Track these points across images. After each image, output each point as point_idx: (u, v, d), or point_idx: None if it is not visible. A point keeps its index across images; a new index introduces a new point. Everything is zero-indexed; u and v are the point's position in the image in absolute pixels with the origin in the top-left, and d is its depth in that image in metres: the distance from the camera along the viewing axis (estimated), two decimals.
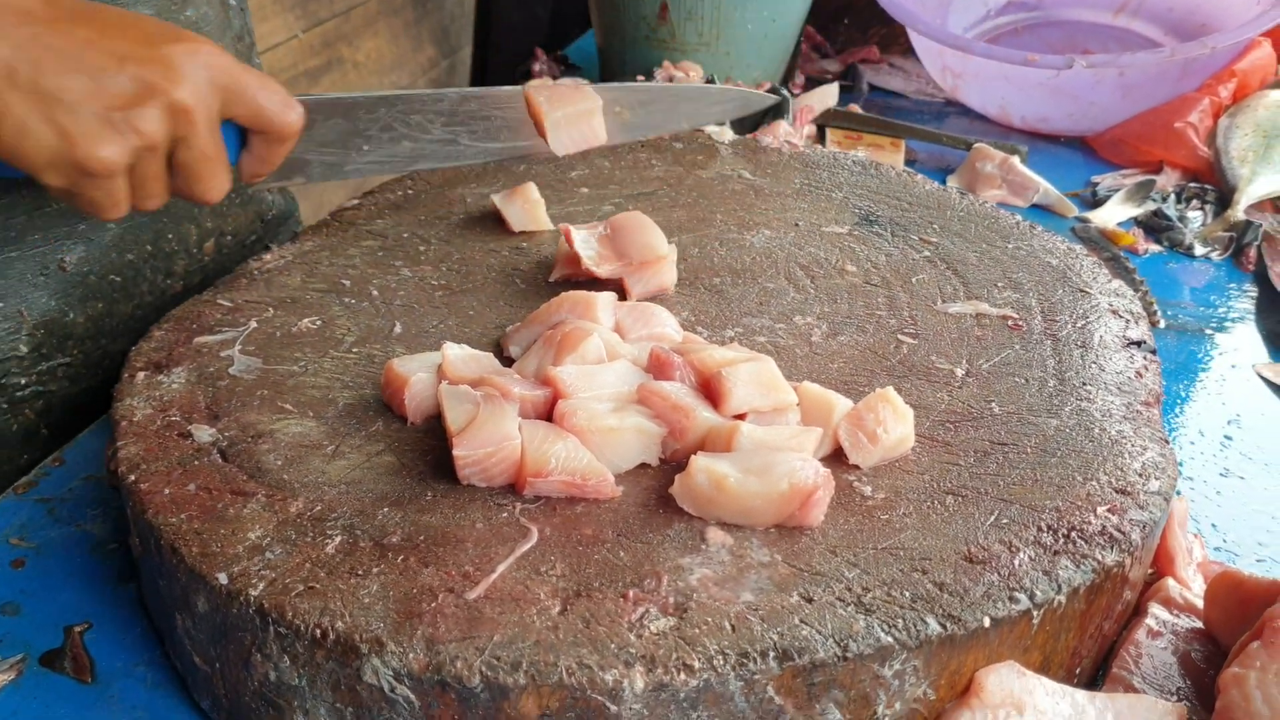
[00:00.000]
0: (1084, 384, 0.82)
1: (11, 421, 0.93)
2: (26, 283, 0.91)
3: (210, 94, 0.73)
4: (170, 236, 1.03)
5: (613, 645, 0.56)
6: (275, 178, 0.86)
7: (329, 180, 0.90)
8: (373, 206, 1.06)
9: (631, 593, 0.59)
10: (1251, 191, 1.37)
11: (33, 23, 0.67)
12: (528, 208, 1.02)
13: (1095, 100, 1.53)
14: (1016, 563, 0.63)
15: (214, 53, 0.73)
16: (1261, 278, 1.25)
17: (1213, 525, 0.87)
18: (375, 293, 0.91)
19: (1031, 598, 0.61)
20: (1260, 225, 1.32)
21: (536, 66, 1.77)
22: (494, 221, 1.04)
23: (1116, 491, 0.70)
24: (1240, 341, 1.14)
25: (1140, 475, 0.71)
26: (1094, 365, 0.84)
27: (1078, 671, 0.67)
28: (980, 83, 1.61)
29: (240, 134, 0.79)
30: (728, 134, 1.25)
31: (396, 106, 0.89)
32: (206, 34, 0.99)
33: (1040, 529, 0.66)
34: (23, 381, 0.92)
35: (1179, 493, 0.86)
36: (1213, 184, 1.43)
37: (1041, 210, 1.40)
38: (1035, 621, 0.61)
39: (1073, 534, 0.66)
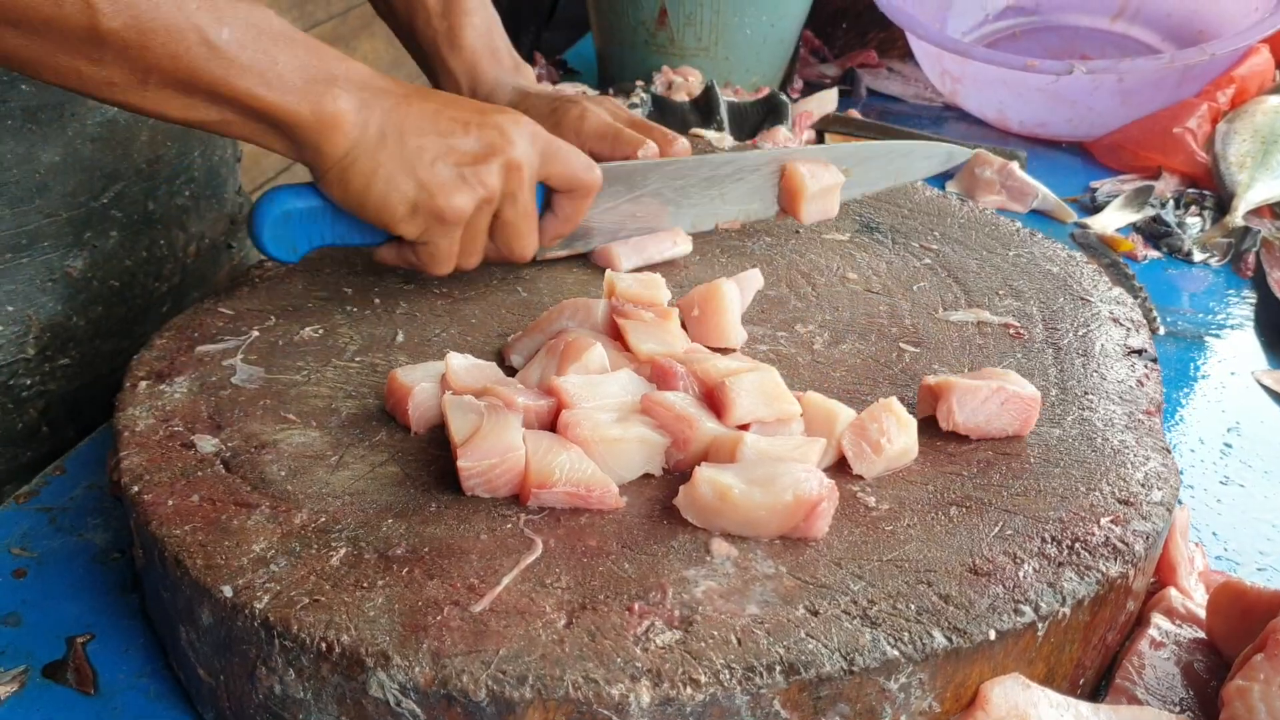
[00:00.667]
0: (1086, 393, 0.82)
1: (16, 421, 0.95)
2: (35, 288, 0.94)
3: (534, 155, 0.84)
4: (162, 242, 1.05)
5: (619, 659, 0.55)
6: (564, 244, 0.97)
7: (607, 244, 0.99)
8: None
9: (637, 605, 0.59)
10: (1250, 198, 1.38)
11: (390, 95, 0.79)
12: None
13: (1094, 106, 1.53)
14: (1021, 575, 0.63)
15: (531, 123, 0.85)
16: (1260, 284, 1.26)
17: (1214, 534, 0.87)
18: (377, 300, 0.91)
19: (1036, 610, 0.61)
20: (1259, 231, 1.32)
21: (536, 71, 1.77)
22: None
23: (1119, 502, 0.70)
24: (1239, 348, 1.14)
25: (1143, 485, 0.71)
26: (1095, 374, 0.84)
27: (1081, 683, 0.67)
28: (979, 87, 1.61)
29: (543, 200, 0.90)
30: (727, 140, 1.25)
31: (665, 170, 0.98)
32: None
33: (1044, 540, 0.66)
34: (28, 382, 0.95)
35: (1180, 502, 0.87)
36: (1211, 190, 1.43)
37: (1040, 216, 1.40)
38: (1040, 634, 0.61)
39: (1076, 545, 0.66)
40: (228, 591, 0.60)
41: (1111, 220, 1.37)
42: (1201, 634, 0.71)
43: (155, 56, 0.69)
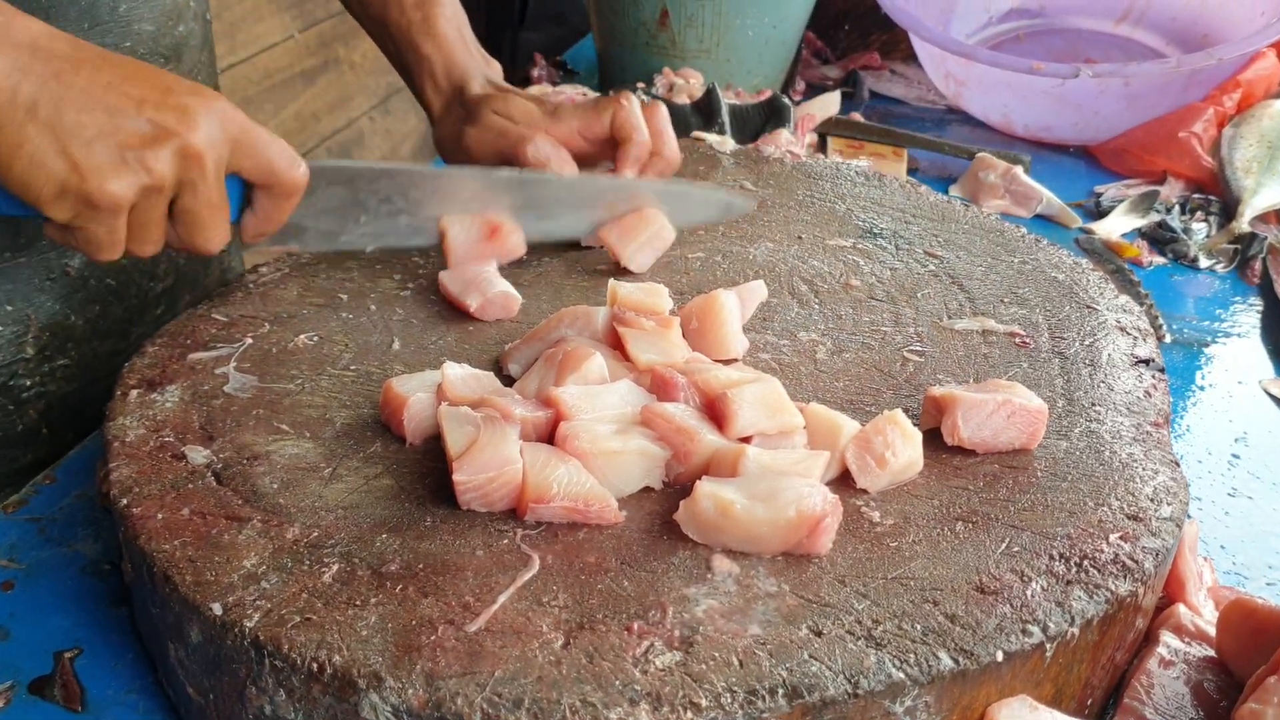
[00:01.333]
0: (1093, 404, 0.80)
1: (17, 422, 0.94)
2: (34, 287, 0.93)
3: (222, 143, 0.75)
4: None
5: (617, 681, 0.54)
6: (272, 241, 0.86)
7: (324, 249, 0.92)
8: None
9: (636, 625, 0.58)
10: (1256, 203, 1.37)
11: (57, 62, 0.70)
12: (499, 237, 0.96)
13: (1099, 110, 1.52)
14: (1029, 593, 0.62)
15: (227, 107, 0.76)
16: (1267, 291, 1.24)
17: (1221, 547, 0.85)
18: (373, 307, 0.90)
19: (1044, 630, 0.59)
20: (1265, 238, 1.31)
21: (536, 72, 1.75)
22: None
23: (1128, 518, 0.68)
24: (1246, 357, 1.13)
25: (1152, 500, 0.70)
26: (1102, 385, 0.83)
27: (1089, 703, 0.66)
28: (983, 90, 1.60)
29: (243, 196, 0.80)
30: (729, 144, 1.24)
31: (397, 180, 0.91)
32: (192, 48, 1.03)
33: (1052, 557, 0.65)
34: (27, 383, 0.94)
35: (1189, 516, 0.85)
36: (1217, 195, 1.42)
37: (1045, 221, 1.39)
38: (1048, 654, 0.60)
39: (1085, 562, 0.64)
40: (217, 609, 0.58)
41: (1116, 225, 1.36)
42: (1211, 652, 0.70)
43: None
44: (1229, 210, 1.38)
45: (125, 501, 0.67)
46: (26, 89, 0.69)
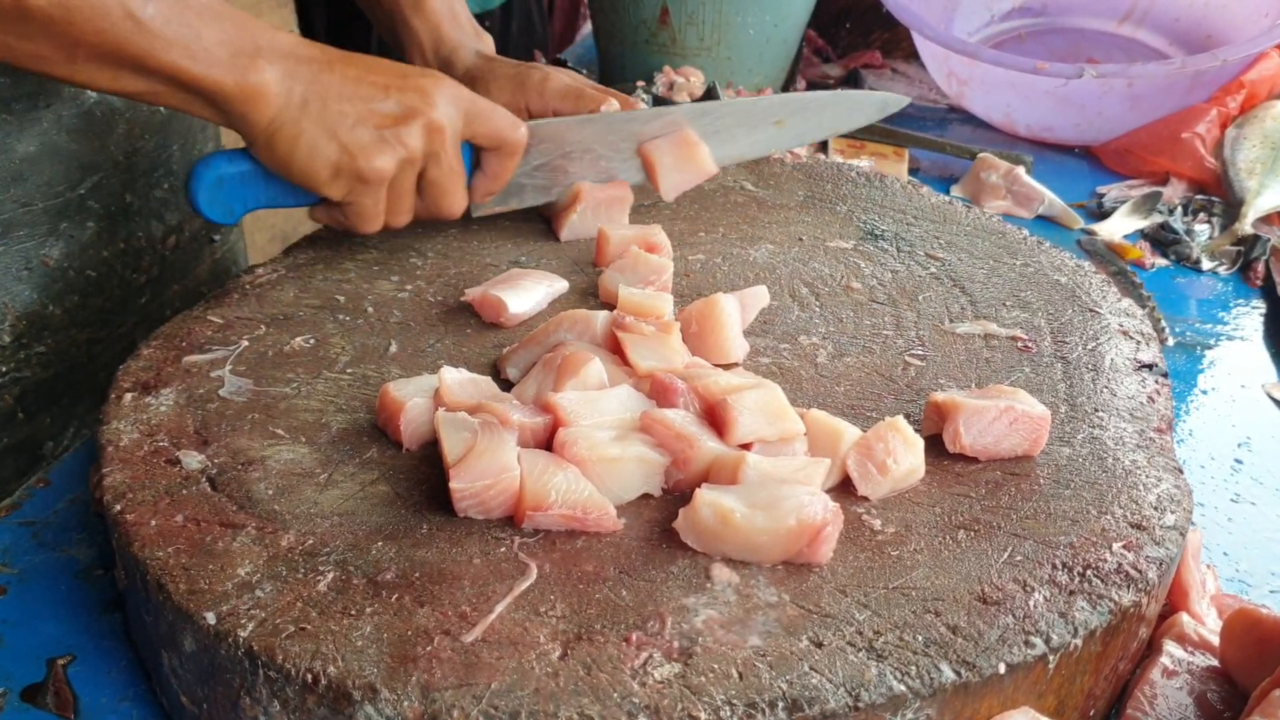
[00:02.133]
0: (1096, 410, 0.80)
1: None
2: (12, 276, 0.94)
3: (456, 115, 0.88)
4: (140, 234, 1.06)
5: (615, 694, 0.53)
6: (498, 201, 1.00)
7: (541, 202, 1.04)
8: None
9: (634, 635, 0.57)
10: (1260, 204, 1.36)
11: (313, 64, 0.82)
12: (694, 157, 1.05)
13: (1102, 110, 1.51)
14: (1031, 604, 0.61)
15: (454, 84, 0.89)
16: (1270, 293, 1.24)
17: (1225, 554, 0.85)
18: (370, 309, 0.89)
19: (1047, 642, 0.59)
20: (1269, 240, 1.30)
21: None
22: (492, 234, 1.02)
23: (1132, 526, 0.68)
24: (1249, 360, 1.12)
25: (1155, 509, 0.69)
26: (1106, 390, 0.82)
27: (1092, 714, 0.65)
28: (985, 90, 1.59)
29: (472, 162, 0.94)
30: None
31: (596, 125, 1.01)
32: None
33: (1055, 566, 0.64)
34: (3, 369, 0.95)
35: (1193, 524, 0.84)
36: (1220, 196, 1.41)
37: (1047, 222, 1.38)
38: (1051, 666, 0.59)
39: (1088, 572, 0.64)
40: (211, 618, 0.58)
41: (1118, 227, 1.35)
42: (1215, 661, 0.69)
43: (80, 31, 0.71)
44: (1232, 212, 1.37)
45: (118, 507, 0.66)
46: (298, 90, 0.81)
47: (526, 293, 0.88)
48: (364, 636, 0.57)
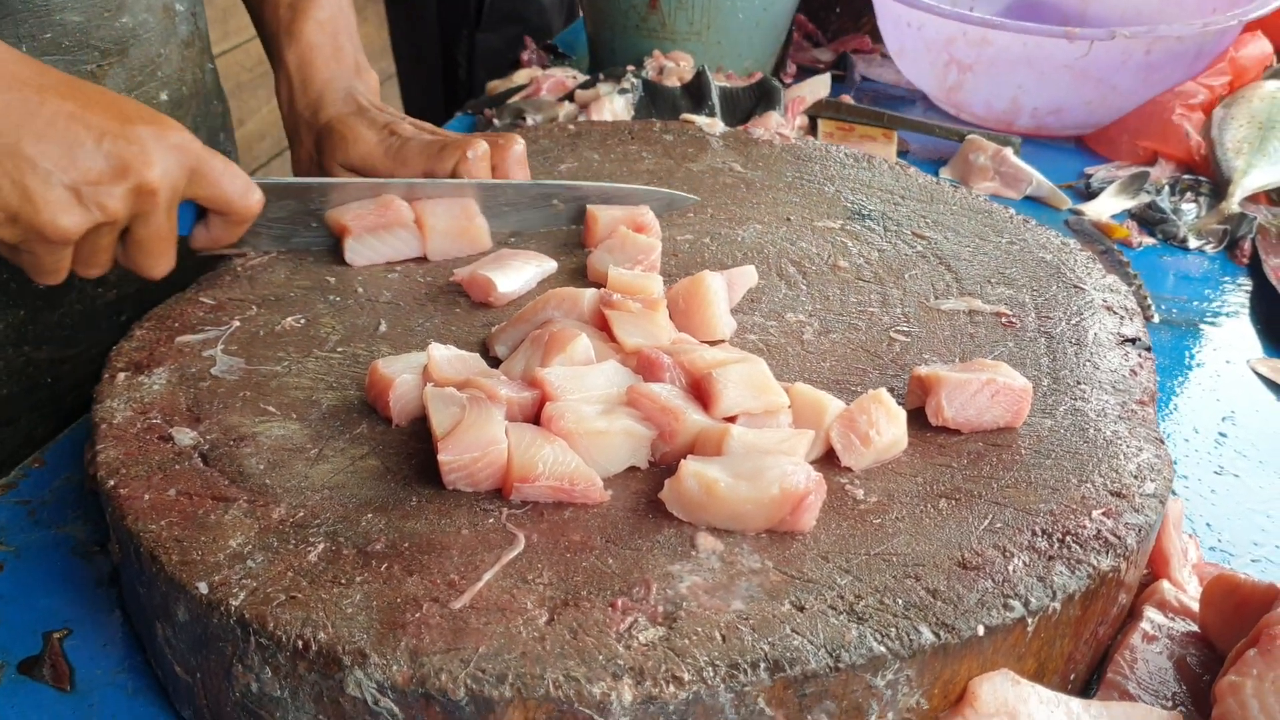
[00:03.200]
0: (1079, 383, 0.81)
1: None
2: None
3: (178, 176, 0.76)
4: None
5: (600, 657, 0.54)
6: (226, 247, 0.88)
7: (274, 249, 0.95)
8: None
9: (620, 601, 0.58)
10: (1246, 184, 1.37)
11: (22, 89, 0.71)
12: (469, 229, 0.96)
13: (1117, 84, 1.49)
14: (1011, 569, 0.62)
15: (184, 137, 0.76)
16: (1256, 271, 1.25)
17: (1207, 524, 0.86)
18: (361, 289, 0.90)
19: (1026, 605, 0.60)
20: (1255, 218, 1.31)
21: (525, 55, 1.75)
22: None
23: (1111, 494, 0.69)
24: (1235, 336, 1.13)
25: (1135, 477, 0.70)
26: (1088, 363, 0.83)
27: (1072, 678, 0.66)
28: (995, 71, 1.54)
29: (196, 208, 0.83)
30: (719, 126, 1.24)
31: (347, 191, 0.93)
32: (146, 40, 0.98)
33: (1035, 533, 0.65)
34: None
35: (1174, 493, 0.86)
36: (1207, 176, 1.42)
37: (1034, 202, 1.39)
38: (1030, 629, 0.60)
39: (1067, 538, 0.65)
40: (203, 588, 0.59)
41: (1106, 207, 1.36)
42: (1195, 627, 0.71)
43: None
44: (1219, 191, 1.38)
45: (112, 483, 0.67)
46: None
47: (515, 273, 0.89)
48: (354, 604, 0.58)
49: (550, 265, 0.94)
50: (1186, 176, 1.41)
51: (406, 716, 0.54)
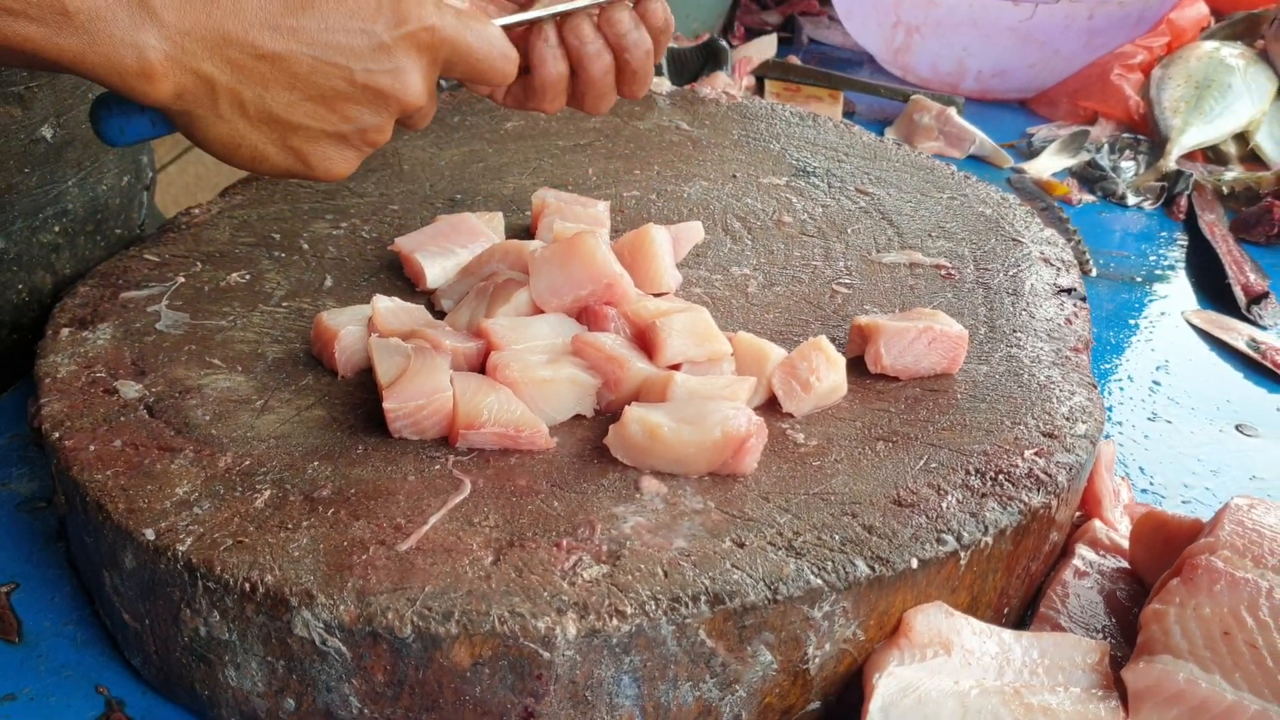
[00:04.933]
0: (1014, 331, 0.83)
1: None
2: None
3: (434, 73, 0.71)
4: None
5: (545, 593, 0.56)
6: None
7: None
8: None
9: (565, 541, 0.59)
10: (1183, 142, 1.39)
11: (242, 53, 0.63)
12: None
13: (1060, 48, 1.51)
14: (944, 505, 0.64)
15: (432, 26, 0.68)
16: (1192, 227, 1.27)
17: (1140, 468, 0.88)
18: (306, 246, 0.90)
19: (959, 539, 0.62)
20: (1191, 175, 1.34)
21: None
22: (430, 174, 1.03)
23: (1043, 435, 0.71)
24: (1170, 289, 1.16)
25: (1067, 419, 0.72)
26: (1024, 312, 0.85)
27: (1006, 611, 0.69)
28: (941, 33, 1.56)
29: None
30: (666, 85, 1.25)
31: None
32: None
33: (968, 472, 0.67)
34: None
35: (1107, 436, 0.88)
36: (1146, 135, 1.45)
37: (978, 161, 1.41)
38: (962, 563, 0.62)
39: (1000, 477, 0.67)
40: (150, 535, 0.59)
41: (1047, 165, 1.38)
42: (1125, 564, 0.73)
43: None
44: (1157, 149, 1.40)
45: (57, 435, 0.67)
46: (225, 83, 0.63)
47: (452, 258, 0.85)
48: (300, 548, 0.58)
49: (496, 239, 0.91)
50: (1125, 135, 1.44)
51: (354, 656, 0.55)
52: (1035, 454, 0.69)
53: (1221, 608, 0.59)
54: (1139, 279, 1.17)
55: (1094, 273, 1.17)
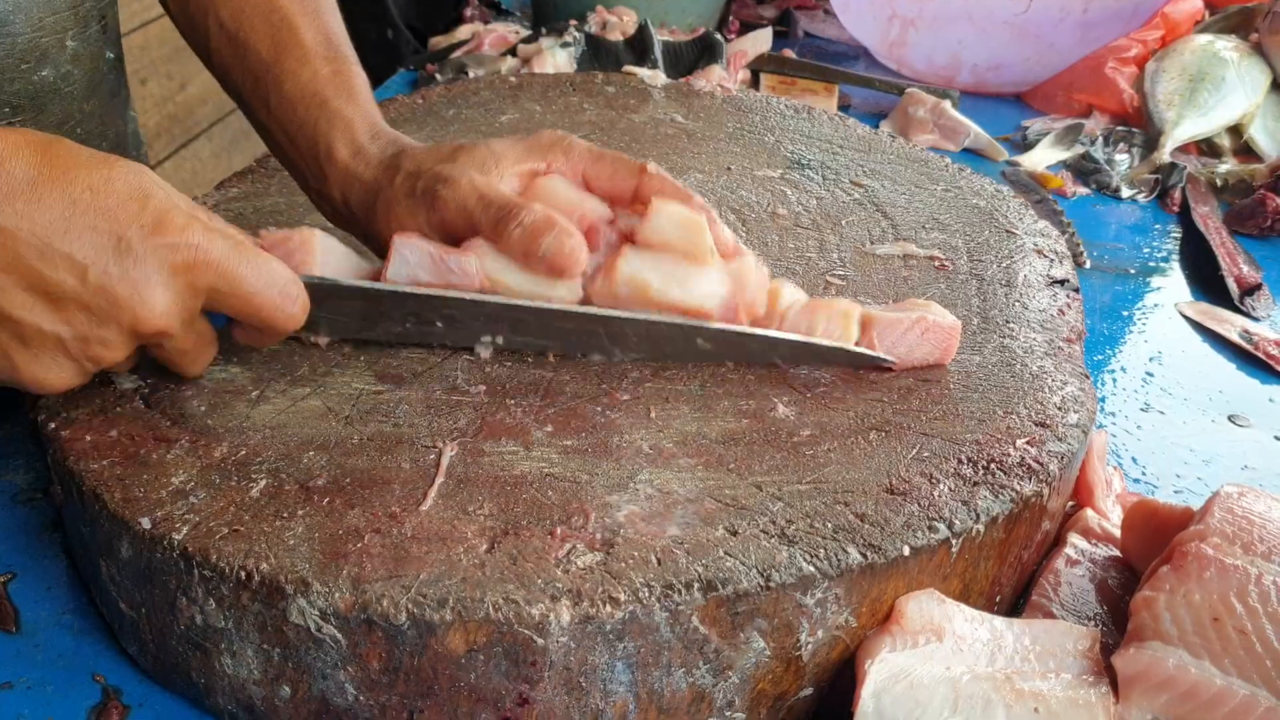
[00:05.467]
0: (1007, 321, 0.83)
1: None
2: None
3: (189, 300, 0.62)
4: None
5: (539, 580, 0.56)
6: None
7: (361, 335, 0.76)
8: None
9: (559, 530, 0.60)
10: (1177, 135, 1.40)
11: None
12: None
13: (1054, 42, 1.52)
14: (936, 494, 0.64)
15: (194, 242, 0.60)
16: (1185, 219, 1.28)
17: (1133, 459, 0.89)
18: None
19: (950, 527, 0.62)
20: (1185, 168, 1.34)
21: (468, 11, 1.74)
22: None
23: (1036, 424, 0.71)
24: (1164, 281, 1.17)
25: (1059, 409, 0.73)
26: (1017, 303, 0.85)
27: (998, 599, 0.69)
28: (936, 27, 1.57)
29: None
30: (660, 78, 1.25)
31: (431, 304, 0.73)
32: (68, 96, 0.83)
33: (960, 461, 0.67)
34: None
35: (1100, 426, 0.88)
36: (1140, 128, 1.45)
37: (973, 154, 1.41)
38: (954, 550, 0.62)
39: (992, 465, 0.67)
40: (146, 523, 0.59)
41: (1042, 158, 1.39)
42: (1116, 552, 0.73)
43: None
44: (1151, 142, 1.41)
45: (53, 425, 0.67)
46: None
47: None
48: (296, 536, 0.59)
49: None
50: (1120, 128, 1.45)
51: (350, 643, 0.56)
52: (1027, 443, 0.69)
53: (1211, 594, 0.59)
54: (1133, 271, 1.18)
55: (1088, 265, 1.17)
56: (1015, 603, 0.72)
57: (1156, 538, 0.70)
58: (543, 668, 0.55)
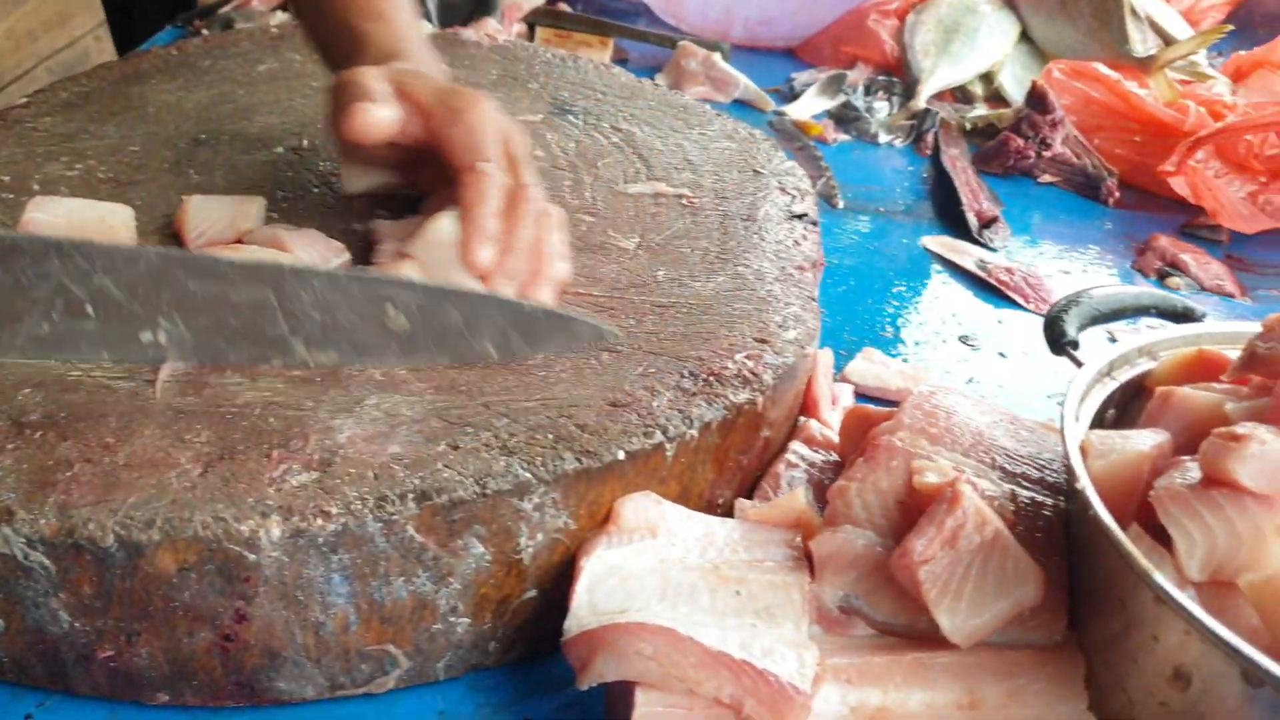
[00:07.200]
0: (744, 252, 0.87)
1: None
2: None
3: None
4: None
5: (250, 499, 0.57)
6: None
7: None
8: (42, 105, 1.01)
9: (276, 453, 0.60)
10: (932, 83, 1.48)
11: None
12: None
13: None
14: (656, 405, 0.67)
15: None
16: (936, 161, 1.35)
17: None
18: (37, 188, 0.87)
19: (665, 433, 0.65)
20: (938, 113, 1.42)
21: None
22: (175, 116, 1.01)
23: (756, 340, 0.75)
24: (912, 219, 1.24)
25: (780, 326, 0.77)
26: (755, 236, 0.90)
27: (721, 502, 0.73)
28: None
29: None
30: (426, 27, 1.25)
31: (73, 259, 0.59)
32: None
33: (682, 375, 0.71)
34: None
35: (832, 347, 0.94)
36: (900, 78, 1.53)
37: (743, 105, 1.46)
38: (669, 454, 0.66)
39: (710, 378, 0.71)
40: None
41: (806, 107, 1.44)
42: (835, 457, 0.78)
43: None
44: (910, 91, 1.48)
45: None
46: None
47: None
48: (3, 469, 0.58)
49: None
50: (881, 78, 1.52)
51: (59, 569, 0.56)
52: (745, 357, 0.73)
53: (897, 480, 0.64)
54: (884, 210, 1.24)
55: (841, 205, 1.23)
56: None
57: (865, 438, 0.75)
58: (257, 583, 0.56)
